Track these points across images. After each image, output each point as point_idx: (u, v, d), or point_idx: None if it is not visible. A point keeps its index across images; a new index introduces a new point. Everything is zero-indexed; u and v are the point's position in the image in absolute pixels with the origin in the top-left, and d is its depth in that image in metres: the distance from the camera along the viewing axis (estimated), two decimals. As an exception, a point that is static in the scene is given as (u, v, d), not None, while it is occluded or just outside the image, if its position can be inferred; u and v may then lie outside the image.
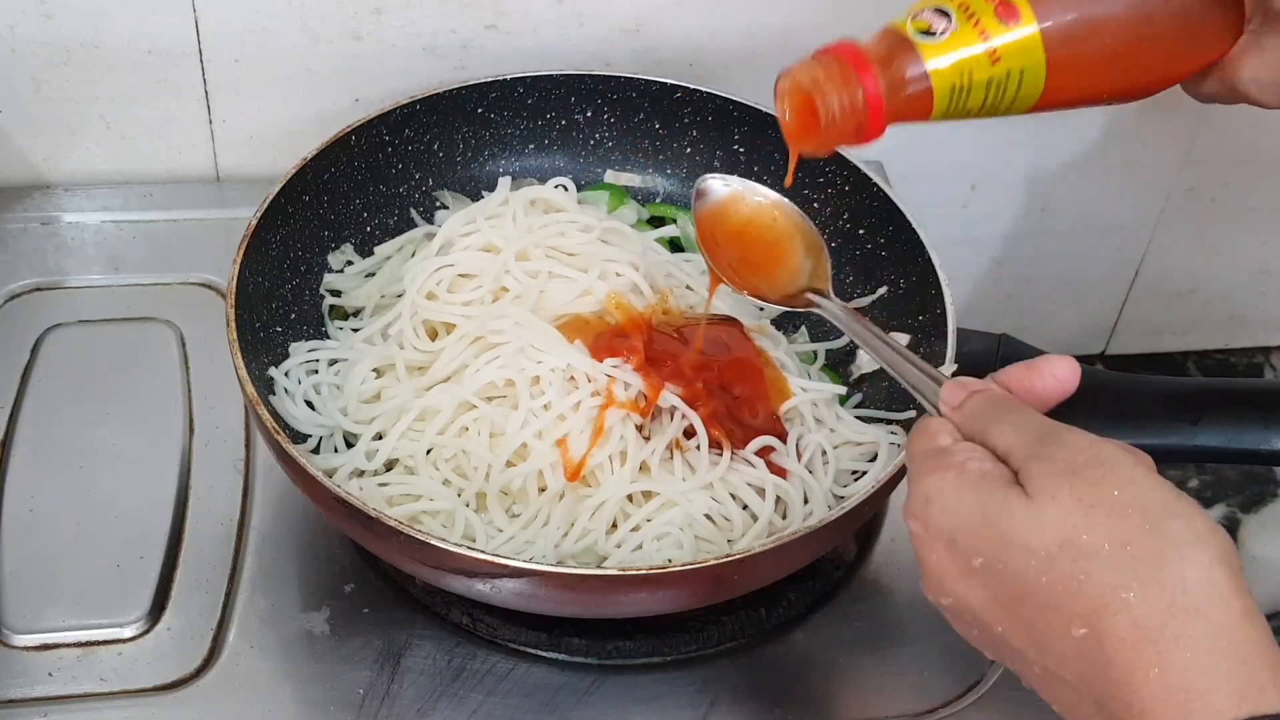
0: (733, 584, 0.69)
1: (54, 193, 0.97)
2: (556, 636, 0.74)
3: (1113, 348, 1.30)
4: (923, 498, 0.54)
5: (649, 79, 0.90)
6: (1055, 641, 0.50)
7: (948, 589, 0.54)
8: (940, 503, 0.54)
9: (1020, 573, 0.50)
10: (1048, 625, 0.50)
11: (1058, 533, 0.50)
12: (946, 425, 0.58)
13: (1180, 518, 0.49)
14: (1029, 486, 0.51)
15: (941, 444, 0.56)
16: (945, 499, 0.53)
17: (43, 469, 0.79)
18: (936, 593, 0.55)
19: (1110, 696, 0.48)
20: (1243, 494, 1.22)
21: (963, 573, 0.53)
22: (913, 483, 0.56)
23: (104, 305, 0.89)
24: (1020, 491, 0.52)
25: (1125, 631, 0.48)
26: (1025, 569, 0.50)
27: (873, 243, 0.87)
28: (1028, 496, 0.51)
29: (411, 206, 0.89)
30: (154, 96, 0.95)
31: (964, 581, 0.53)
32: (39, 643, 0.72)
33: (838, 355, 0.86)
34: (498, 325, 0.77)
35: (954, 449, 0.56)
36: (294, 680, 0.72)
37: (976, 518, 0.52)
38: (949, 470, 0.54)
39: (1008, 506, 0.51)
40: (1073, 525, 0.50)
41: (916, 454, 0.57)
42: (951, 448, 0.56)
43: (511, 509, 0.74)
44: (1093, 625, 0.48)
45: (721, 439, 0.75)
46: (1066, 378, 0.59)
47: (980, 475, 0.53)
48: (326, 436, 0.77)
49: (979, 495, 0.52)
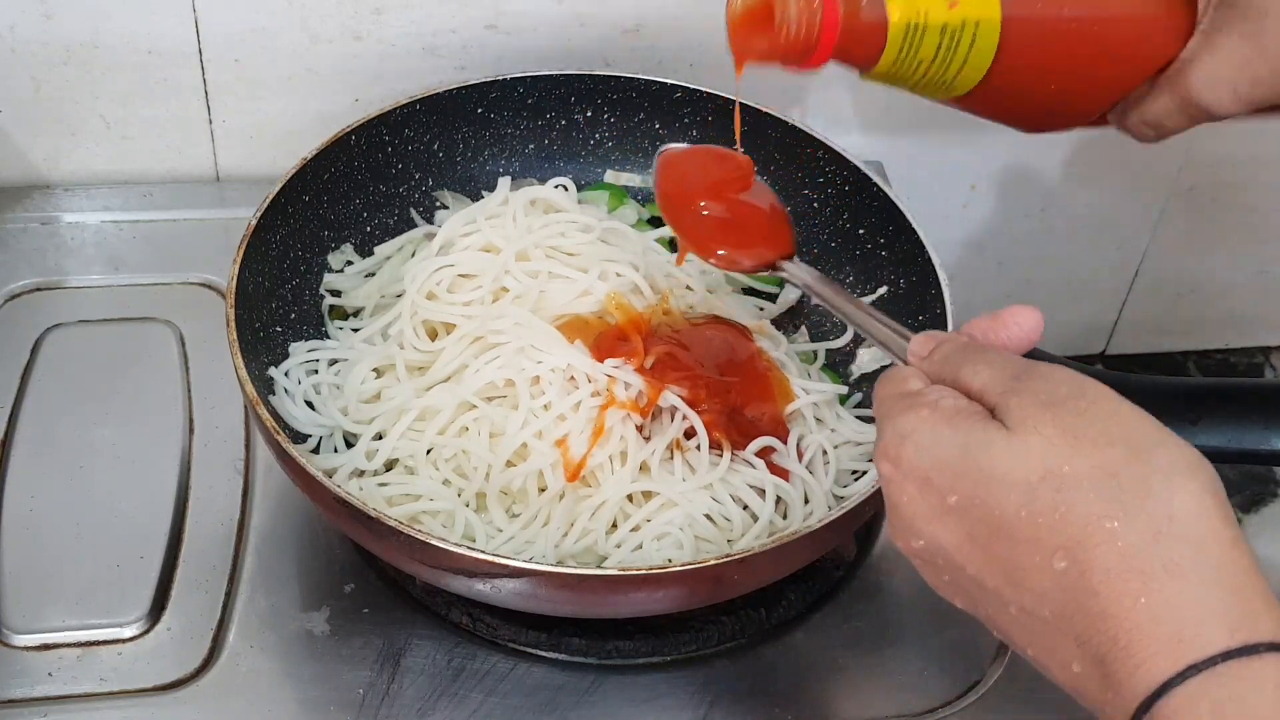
0: (733, 584, 0.69)
1: (54, 193, 0.97)
2: (556, 636, 0.74)
3: (1113, 348, 1.30)
4: (896, 435, 0.52)
5: (649, 79, 0.90)
6: (1034, 577, 0.48)
7: (919, 530, 0.52)
8: (915, 440, 0.52)
9: (999, 507, 0.49)
10: (1027, 560, 0.48)
11: (1040, 463, 0.48)
12: (916, 371, 0.56)
13: (1166, 447, 0.48)
14: (1009, 419, 0.50)
15: (912, 387, 0.55)
16: (920, 435, 0.51)
17: (43, 469, 0.79)
18: (906, 535, 0.53)
19: (1093, 631, 0.46)
20: (1243, 494, 1.22)
21: (936, 512, 0.51)
22: (884, 423, 0.54)
23: (104, 305, 0.89)
24: (999, 425, 0.50)
25: (1110, 561, 0.46)
26: (1004, 502, 0.48)
27: (873, 243, 0.87)
28: (1007, 429, 0.49)
29: (411, 206, 0.89)
30: (154, 96, 0.95)
31: (937, 521, 0.51)
32: (39, 643, 0.72)
33: (838, 355, 0.86)
34: (498, 325, 0.77)
35: (925, 390, 0.54)
36: (294, 680, 0.72)
37: (954, 453, 0.50)
38: (922, 408, 0.52)
39: (987, 439, 0.49)
40: (1056, 455, 0.48)
41: (886, 398, 0.55)
42: (923, 389, 0.54)
43: (511, 509, 0.74)
44: (1075, 557, 0.47)
45: (722, 440, 0.75)
46: (1031, 327, 0.57)
47: (955, 411, 0.51)
48: (326, 436, 0.77)
49: (955, 431, 0.51)
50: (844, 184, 0.88)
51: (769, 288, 0.90)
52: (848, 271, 0.88)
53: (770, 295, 0.89)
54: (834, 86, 1.03)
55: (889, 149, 1.06)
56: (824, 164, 0.88)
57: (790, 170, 0.90)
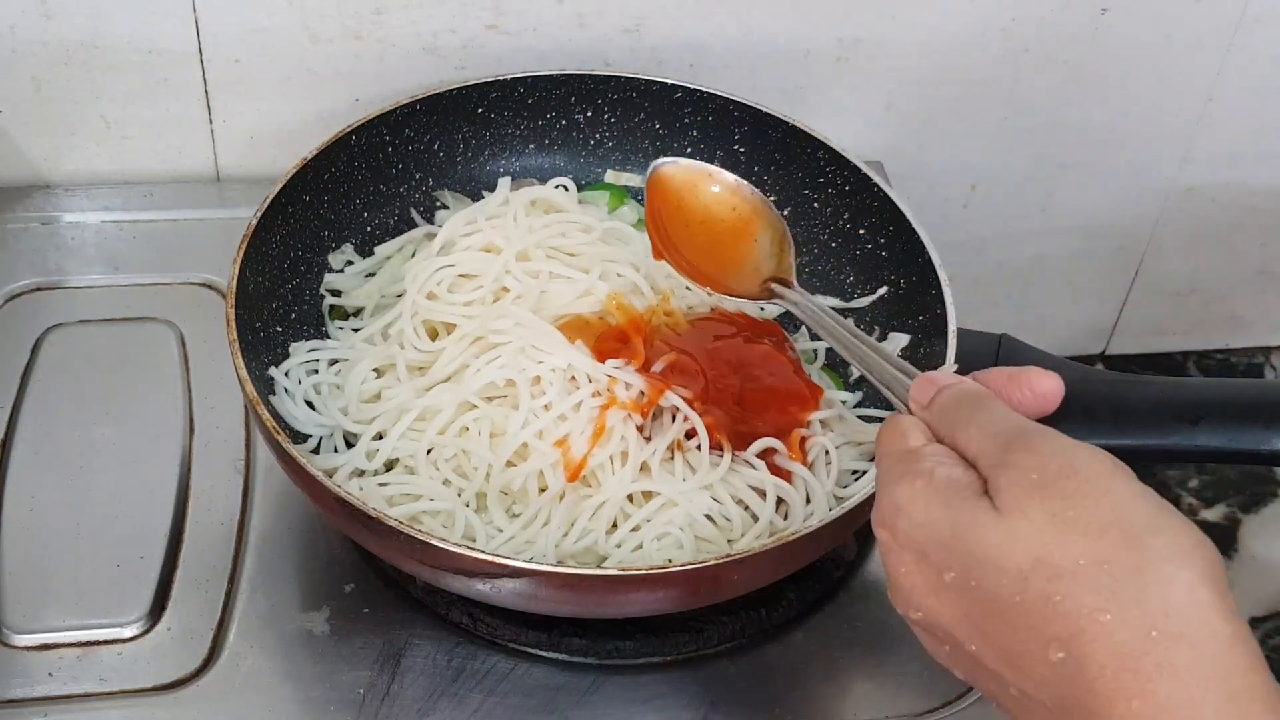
0: (733, 584, 0.69)
1: (54, 193, 0.97)
2: (556, 636, 0.74)
3: (1113, 348, 1.30)
4: (892, 506, 0.51)
5: (649, 79, 0.90)
6: (1032, 664, 0.46)
7: (917, 603, 0.51)
8: (909, 513, 0.50)
9: (993, 591, 0.47)
10: (1024, 646, 0.47)
11: (1029, 551, 0.46)
12: (918, 424, 0.54)
13: (1162, 532, 0.46)
14: (998, 500, 0.48)
15: (911, 445, 0.53)
16: (914, 509, 0.50)
17: (43, 469, 0.79)
18: (905, 605, 0.52)
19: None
20: (1243, 494, 1.22)
21: (933, 587, 0.50)
22: (881, 489, 0.53)
23: (104, 305, 0.89)
24: (988, 504, 0.48)
25: (1104, 658, 0.44)
26: (998, 587, 0.47)
27: (873, 243, 0.87)
28: (996, 510, 0.48)
29: (411, 206, 0.89)
30: (154, 96, 0.95)
31: (935, 596, 0.50)
32: (39, 643, 0.72)
33: (838, 355, 0.86)
34: (499, 325, 0.77)
35: (923, 452, 0.52)
36: (294, 680, 0.72)
37: (945, 531, 0.49)
38: (917, 478, 0.51)
39: (976, 522, 0.48)
40: (1045, 543, 0.46)
41: (885, 455, 0.54)
42: (921, 451, 0.52)
43: (512, 509, 0.74)
44: (1070, 650, 0.45)
45: (723, 441, 0.75)
46: (1047, 396, 0.55)
47: (948, 484, 0.50)
48: (326, 436, 0.77)
49: (947, 507, 0.49)
50: (844, 184, 0.88)
51: (769, 288, 0.89)
52: (848, 271, 0.88)
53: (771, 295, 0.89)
54: (834, 87, 1.03)
55: (889, 149, 1.06)
56: (824, 164, 0.88)
57: (790, 170, 0.90)
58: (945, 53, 1.03)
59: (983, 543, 0.48)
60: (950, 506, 0.49)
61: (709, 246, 0.74)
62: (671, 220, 0.74)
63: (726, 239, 0.75)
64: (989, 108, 1.07)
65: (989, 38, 1.02)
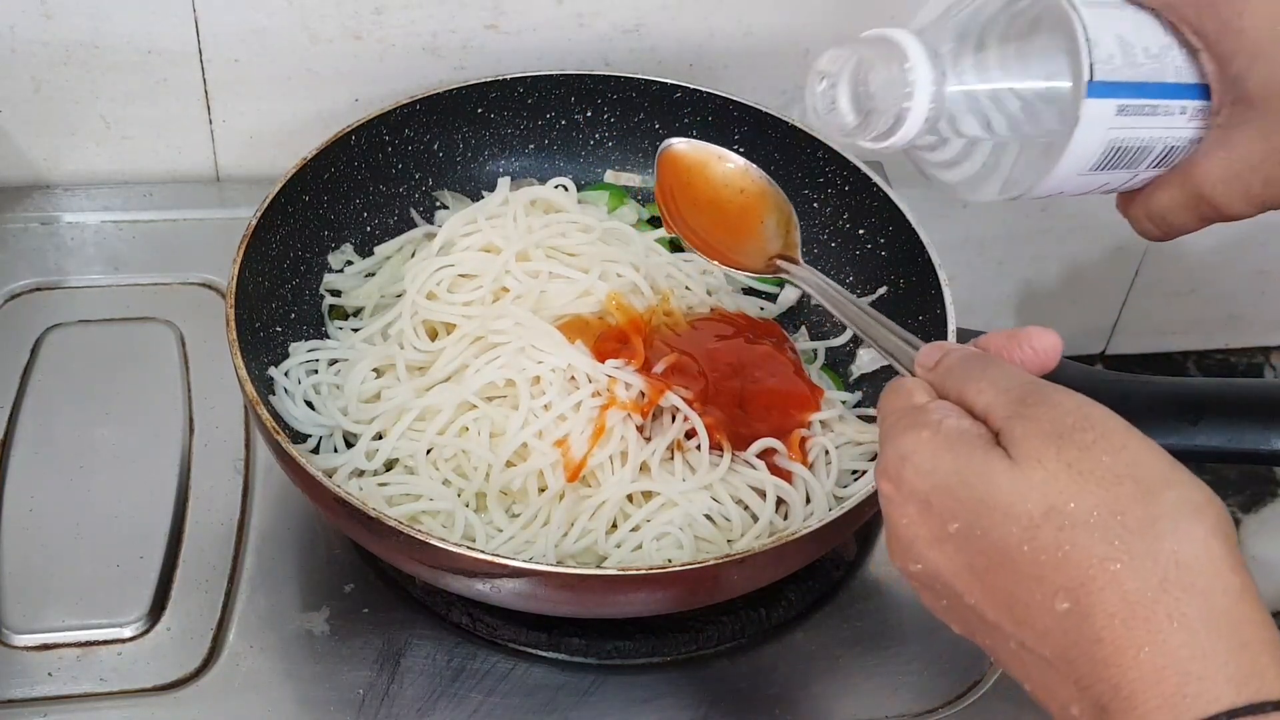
0: (733, 584, 0.69)
1: (54, 193, 0.97)
2: (556, 636, 0.74)
3: (1113, 348, 1.30)
4: (896, 456, 0.51)
5: (649, 79, 0.90)
6: (1035, 615, 0.46)
7: (918, 554, 0.50)
8: (915, 462, 0.50)
9: (1000, 540, 0.47)
10: (1028, 597, 0.46)
11: (1042, 499, 0.46)
12: (921, 384, 0.54)
13: (1176, 486, 0.46)
14: (1012, 449, 0.48)
15: (917, 401, 0.53)
16: (920, 458, 0.50)
17: (43, 469, 0.79)
18: (905, 558, 0.51)
19: (1094, 677, 0.45)
20: (1243, 494, 1.22)
21: (936, 537, 0.49)
22: (885, 441, 0.52)
23: (104, 305, 0.89)
24: (1002, 453, 0.48)
25: (1114, 607, 0.44)
26: (1006, 536, 0.47)
27: (873, 243, 0.87)
28: (1010, 459, 0.48)
29: (411, 206, 0.89)
30: (154, 96, 0.95)
31: (937, 547, 0.49)
32: (39, 643, 0.72)
33: (838, 354, 0.86)
34: (498, 325, 0.77)
35: (930, 406, 0.52)
36: (294, 680, 0.72)
37: (954, 479, 0.49)
38: (924, 428, 0.50)
39: (988, 469, 0.48)
40: (1059, 491, 0.46)
41: (890, 412, 0.53)
42: (927, 405, 0.52)
43: (511, 509, 0.74)
44: (1078, 599, 0.45)
45: (723, 441, 0.75)
46: (1047, 352, 0.55)
47: (958, 434, 0.50)
48: (326, 436, 0.77)
49: (956, 456, 0.49)
50: (844, 184, 0.88)
51: (769, 288, 0.90)
52: (848, 271, 0.88)
53: (770, 295, 0.89)
54: (834, 86, 1.03)
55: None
56: (824, 164, 0.88)
57: (790, 170, 0.90)
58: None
59: (994, 490, 0.48)
60: (959, 455, 0.49)
61: (717, 224, 0.75)
62: (681, 196, 0.75)
63: (734, 218, 0.75)
64: (989, 108, 1.07)
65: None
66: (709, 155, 0.77)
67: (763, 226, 0.75)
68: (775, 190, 0.76)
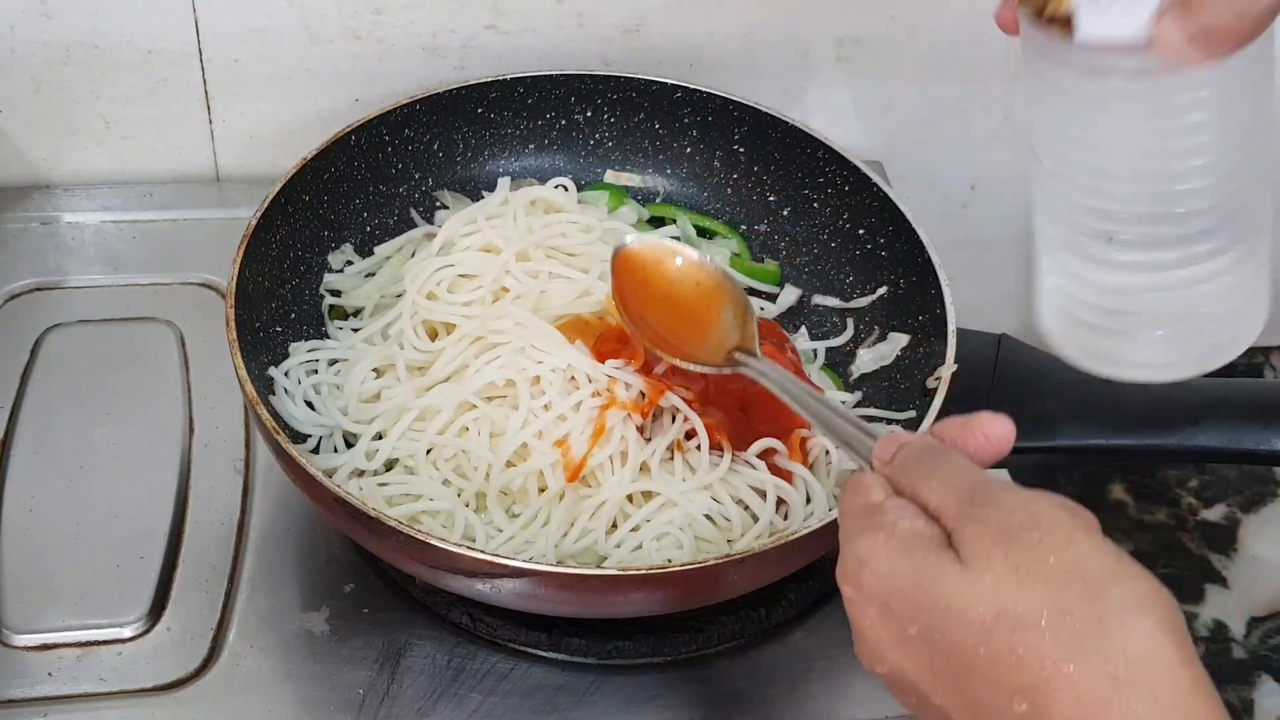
0: (733, 584, 0.69)
1: (54, 193, 0.97)
2: (556, 636, 0.74)
3: (1113, 348, 1.29)
4: (855, 559, 0.51)
5: (649, 79, 0.90)
6: (996, 716, 0.47)
7: (882, 656, 0.51)
8: (872, 566, 0.51)
9: (957, 643, 0.48)
10: (989, 698, 0.47)
11: (993, 603, 0.47)
12: (879, 480, 0.54)
13: (1122, 581, 0.47)
14: (962, 552, 0.49)
15: (873, 500, 0.53)
16: (877, 562, 0.50)
17: (43, 469, 0.79)
18: (871, 659, 0.52)
19: None
20: (1243, 494, 1.22)
21: (898, 640, 0.50)
22: (844, 543, 0.53)
23: (104, 305, 0.89)
24: (953, 556, 0.49)
25: (1068, 708, 0.45)
26: (962, 639, 0.47)
27: (873, 243, 0.87)
28: (961, 563, 0.48)
29: (411, 206, 0.89)
30: (154, 96, 0.95)
31: (899, 649, 0.50)
32: (39, 643, 0.72)
33: (837, 355, 0.86)
34: (498, 325, 0.77)
35: (885, 506, 0.52)
36: (294, 680, 0.72)
37: (909, 583, 0.49)
38: (879, 531, 0.51)
39: (941, 574, 0.48)
40: (1008, 595, 0.47)
41: (847, 511, 0.54)
42: (883, 504, 0.53)
43: (511, 509, 0.74)
44: (1034, 701, 0.46)
45: (723, 442, 0.75)
46: (1000, 439, 0.55)
47: (913, 536, 0.50)
48: (326, 436, 0.77)
49: (911, 560, 0.50)
50: (844, 184, 0.88)
51: (769, 288, 0.90)
52: (847, 271, 0.88)
53: (771, 295, 0.89)
54: (834, 86, 1.03)
55: (889, 149, 1.06)
56: (824, 164, 0.88)
57: (790, 170, 0.90)
58: (945, 53, 1.03)
59: (946, 595, 0.48)
60: (914, 559, 0.50)
61: (674, 320, 0.76)
62: (637, 296, 0.76)
63: (691, 312, 0.76)
64: (989, 108, 1.07)
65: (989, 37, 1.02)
66: (663, 251, 0.77)
67: (720, 318, 0.75)
68: (731, 282, 0.77)
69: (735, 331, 0.74)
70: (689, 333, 0.75)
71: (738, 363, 0.72)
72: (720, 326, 0.75)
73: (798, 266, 0.90)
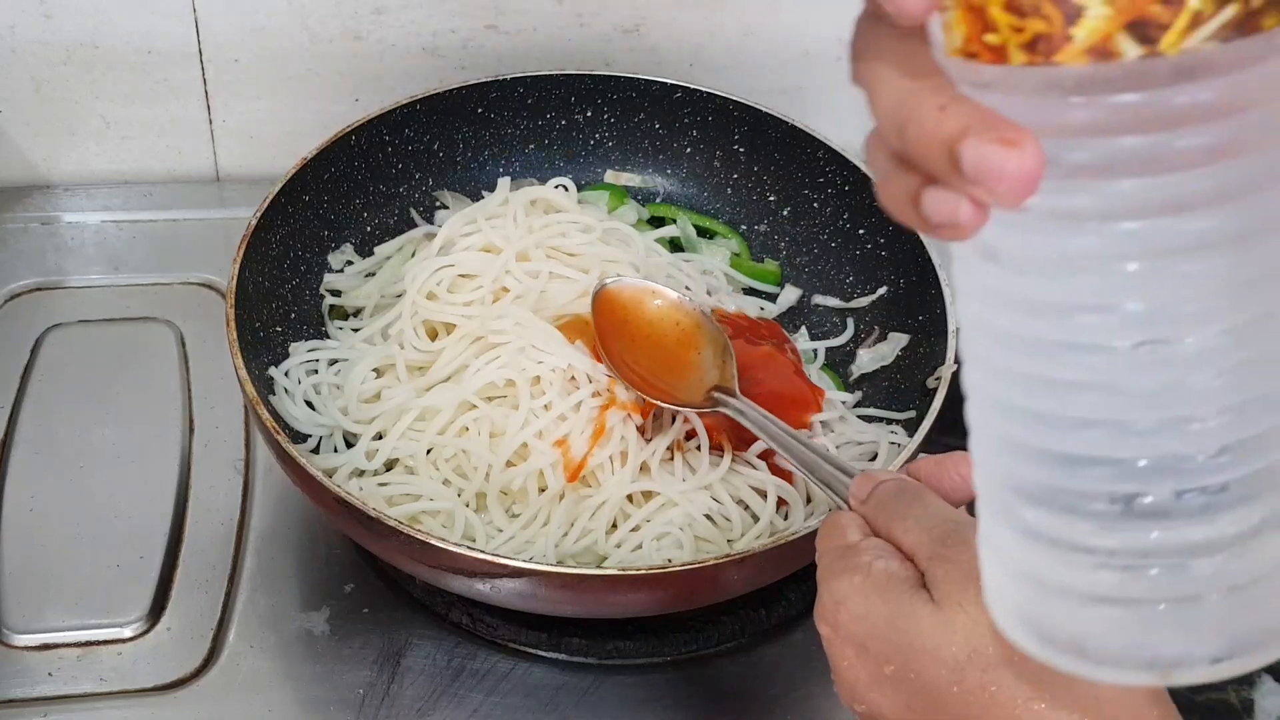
0: (733, 584, 0.69)
1: (54, 192, 0.97)
2: (556, 636, 0.74)
3: (1113, 348, 1.29)
4: (832, 601, 0.52)
5: (649, 79, 0.90)
6: None
7: (860, 695, 0.51)
8: (849, 607, 0.51)
9: (932, 682, 0.48)
10: None
11: (965, 642, 0.48)
12: (855, 520, 0.55)
13: None
14: (935, 592, 0.49)
15: (849, 540, 0.54)
16: (854, 604, 0.51)
17: (43, 469, 0.79)
18: (850, 698, 0.52)
19: None
20: (1243, 494, 1.22)
21: (875, 679, 0.51)
22: (821, 584, 0.53)
23: (104, 305, 0.89)
24: (926, 596, 0.49)
25: None
26: (936, 678, 0.48)
27: (873, 243, 0.87)
28: (934, 603, 0.49)
29: (411, 206, 0.89)
30: (154, 96, 0.95)
31: (876, 689, 0.51)
32: (39, 643, 0.72)
33: (837, 354, 0.86)
34: (498, 325, 0.77)
35: (861, 546, 0.53)
36: (294, 680, 0.72)
37: (883, 624, 0.50)
38: (855, 572, 0.51)
39: (914, 614, 0.49)
40: (980, 634, 0.47)
41: (825, 551, 0.54)
42: (859, 545, 0.53)
43: (511, 509, 0.74)
44: None
45: (724, 442, 0.75)
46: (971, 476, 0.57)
47: (887, 577, 0.51)
48: (326, 436, 0.77)
49: (886, 600, 0.50)
50: (844, 184, 0.88)
51: (769, 288, 0.90)
52: (847, 271, 0.88)
53: (771, 295, 0.89)
54: (834, 87, 1.03)
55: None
56: (824, 164, 0.88)
57: (790, 170, 0.90)
58: (945, 53, 1.03)
59: (920, 635, 0.49)
60: (889, 600, 0.50)
61: (655, 360, 0.77)
62: (618, 336, 0.77)
63: (671, 351, 0.77)
64: (989, 108, 1.07)
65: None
66: (643, 292, 0.79)
67: (700, 357, 0.76)
68: (710, 322, 0.78)
69: (715, 370, 0.75)
70: (669, 374, 0.76)
71: (717, 402, 0.72)
72: (700, 365, 0.76)
73: (798, 266, 0.90)
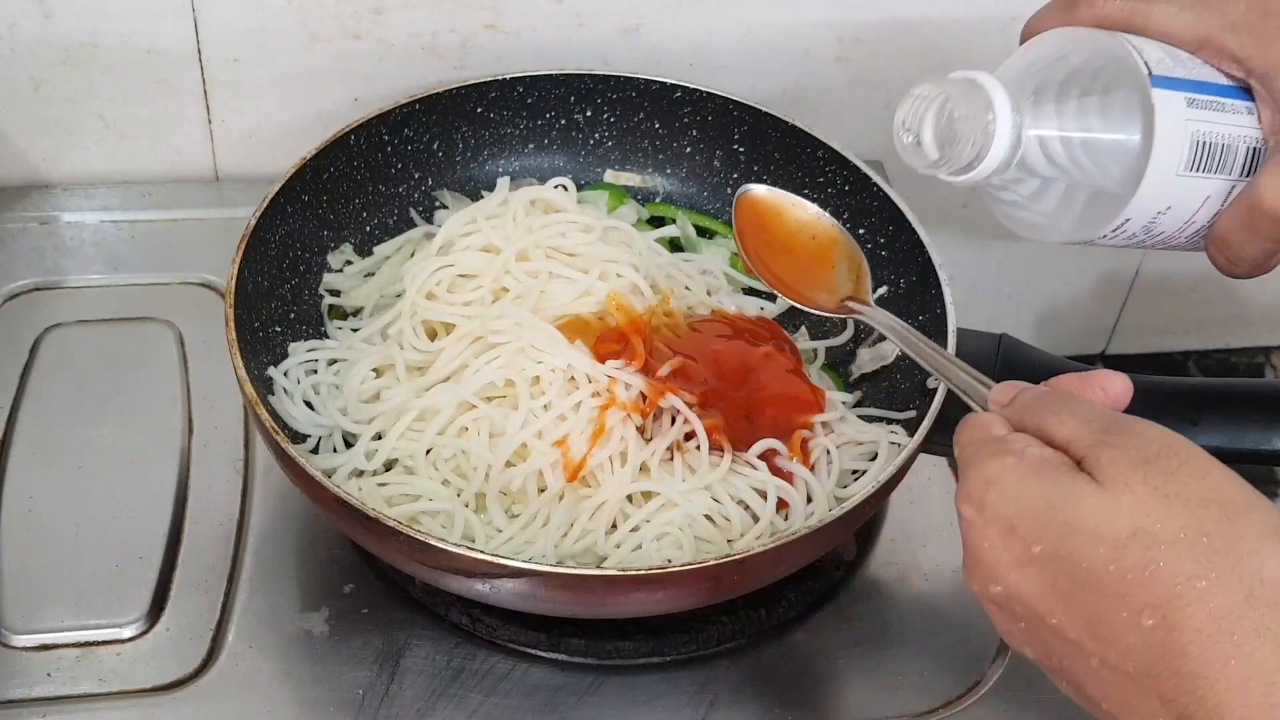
0: (733, 584, 0.69)
1: (53, 193, 0.97)
2: (556, 636, 0.74)
3: (1113, 348, 1.29)
4: (981, 481, 0.53)
5: (649, 79, 0.90)
6: (1120, 632, 0.49)
7: (998, 577, 0.52)
8: (1000, 487, 0.52)
9: (1086, 560, 0.49)
10: (1113, 615, 0.49)
11: (1130, 521, 0.49)
12: (998, 417, 0.57)
13: (1257, 510, 0.49)
14: (1099, 474, 0.51)
15: (996, 433, 0.56)
16: (1005, 484, 0.52)
17: (42, 469, 0.79)
18: (985, 581, 0.53)
19: (1180, 690, 0.47)
20: (1243, 494, 1.22)
21: (1019, 560, 0.52)
22: (968, 468, 0.55)
23: (103, 305, 0.89)
24: (1087, 478, 0.51)
25: (1200, 622, 0.47)
26: (1092, 557, 0.49)
27: (873, 243, 0.87)
28: (1098, 484, 0.50)
29: (411, 206, 0.89)
30: (153, 96, 0.95)
31: (1019, 570, 0.52)
32: (38, 643, 0.72)
33: (837, 354, 0.86)
34: (498, 325, 0.77)
35: (1010, 438, 0.55)
36: (293, 680, 0.72)
37: (1039, 503, 0.51)
38: (1008, 455, 0.53)
39: (1075, 493, 0.50)
40: (1146, 513, 0.49)
41: (970, 443, 0.56)
42: (1007, 436, 0.55)
43: (511, 509, 0.74)
44: (1164, 615, 0.47)
45: (723, 443, 0.75)
46: (1118, 395, 0.57)
47: (1041, 461, 0.52)
48: (326, 436, 0.77)
49: (1042, 481, 0.51)
50: (844, 184, 0.88)
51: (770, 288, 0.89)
52: (848, 271, 0.88)
53: (771, 295, 0.89)
54: (834, 87, 1.03)
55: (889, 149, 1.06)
56: (824, 164, 0.88)
57: (790, 170, 0.90)
58: (945, 52, 1.03)
59: (1081, 513, 0.50)
60: (1045, 480, 0.51)
61: (791, 266, 0.79)
62: (756, 239, 0.80)
63: (806, 262, 0.80)
64: (989, 107, 1.07)
65: (989, 36, 1.02)
66: (784, 202, 0.81)
67: (834, 272, 0.78)
68: (846, 238, 0.79)
69: (849, 284, 0.77)
70: (805, 278, 0.78)
71: (851, 310, 0.75)
72: (834, 277, 0.78)
73: (798, 266, 0.90)
